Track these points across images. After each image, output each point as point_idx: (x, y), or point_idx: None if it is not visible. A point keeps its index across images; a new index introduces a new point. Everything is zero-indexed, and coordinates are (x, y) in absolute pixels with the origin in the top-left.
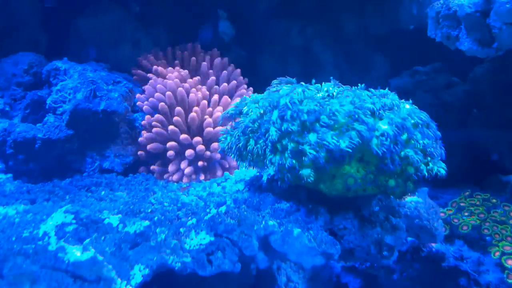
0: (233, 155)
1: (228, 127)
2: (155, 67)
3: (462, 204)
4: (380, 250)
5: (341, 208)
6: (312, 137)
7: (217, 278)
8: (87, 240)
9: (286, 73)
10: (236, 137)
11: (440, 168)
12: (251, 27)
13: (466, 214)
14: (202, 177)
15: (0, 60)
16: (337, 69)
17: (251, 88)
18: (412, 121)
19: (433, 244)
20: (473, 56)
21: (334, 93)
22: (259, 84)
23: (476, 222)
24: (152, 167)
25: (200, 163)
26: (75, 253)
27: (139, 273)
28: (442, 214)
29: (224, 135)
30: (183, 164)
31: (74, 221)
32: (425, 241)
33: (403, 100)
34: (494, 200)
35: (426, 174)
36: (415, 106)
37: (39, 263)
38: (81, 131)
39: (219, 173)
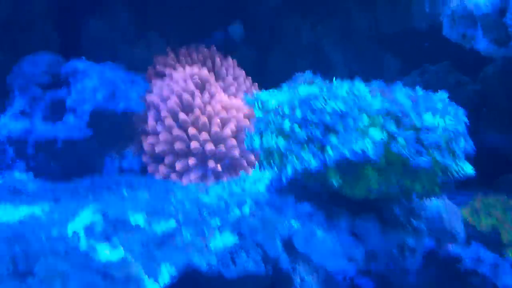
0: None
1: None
2: (168, 69)
3: (477, 206)
4: (402, 252)
5: (362, 210)
6: (333, 138)
7: (240, 279)
8: (116, 240)
9: (296, 72)
10: (257, 135)
11: (468, 169)
12: (261, 25)
13: (482, 215)
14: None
15: (18, 60)
16: (347, 68)
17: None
18: (442, 125)
19: (452, 246)
20: (489, 55)
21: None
22: (269, 83)
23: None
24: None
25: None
26: (105, 252)
27: (166, 272)
28: None
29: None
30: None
31: (102, 221)
32: (445, 243)
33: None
34: (511, 202)
35: (455, 175)
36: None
37: (70, 262)
38: (101, 131)
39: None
